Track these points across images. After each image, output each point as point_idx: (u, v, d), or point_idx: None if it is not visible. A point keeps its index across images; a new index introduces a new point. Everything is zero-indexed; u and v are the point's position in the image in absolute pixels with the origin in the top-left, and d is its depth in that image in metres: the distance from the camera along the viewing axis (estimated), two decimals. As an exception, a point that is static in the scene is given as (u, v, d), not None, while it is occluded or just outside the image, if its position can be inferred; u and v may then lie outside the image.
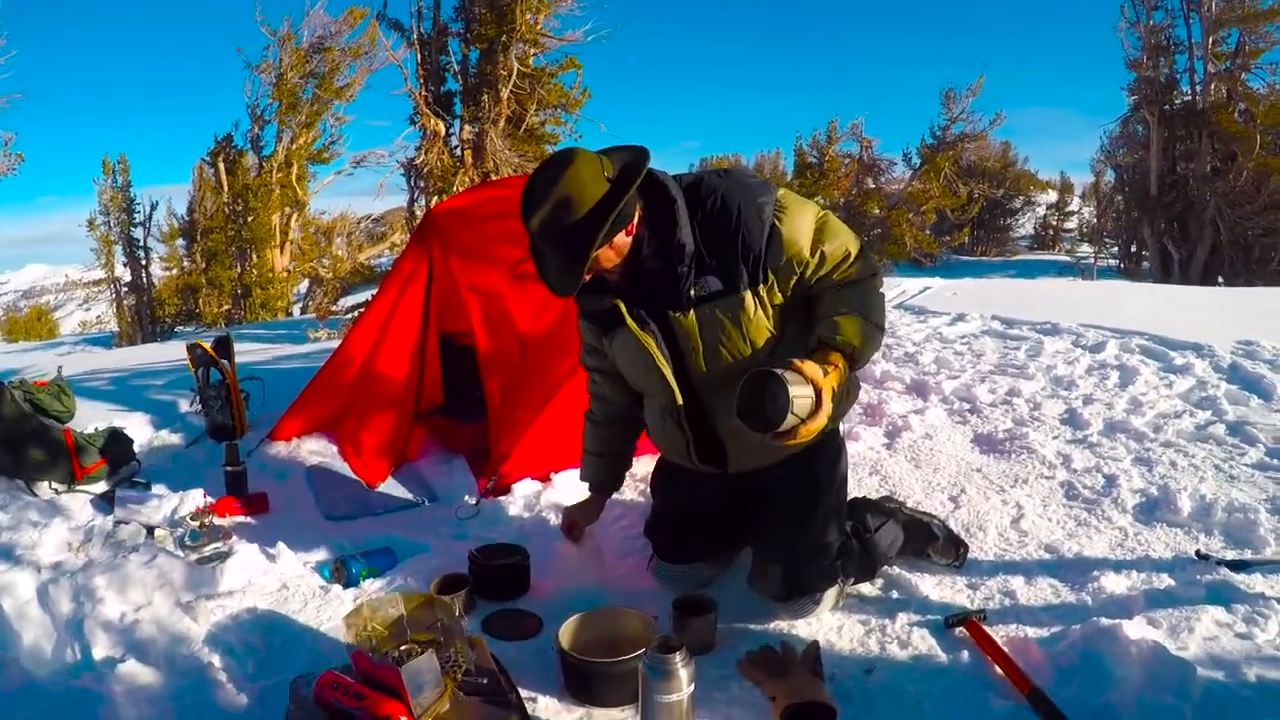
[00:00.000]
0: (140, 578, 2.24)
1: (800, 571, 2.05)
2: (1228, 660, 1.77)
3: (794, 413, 1.70)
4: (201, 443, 3.59)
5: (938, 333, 5.07)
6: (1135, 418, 3.23)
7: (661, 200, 1.90)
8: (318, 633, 2.15)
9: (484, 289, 3.32)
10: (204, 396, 3.57)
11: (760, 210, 1.87)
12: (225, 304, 11.10)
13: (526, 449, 2.98)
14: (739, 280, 1.88)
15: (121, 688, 1.82)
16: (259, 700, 1.86)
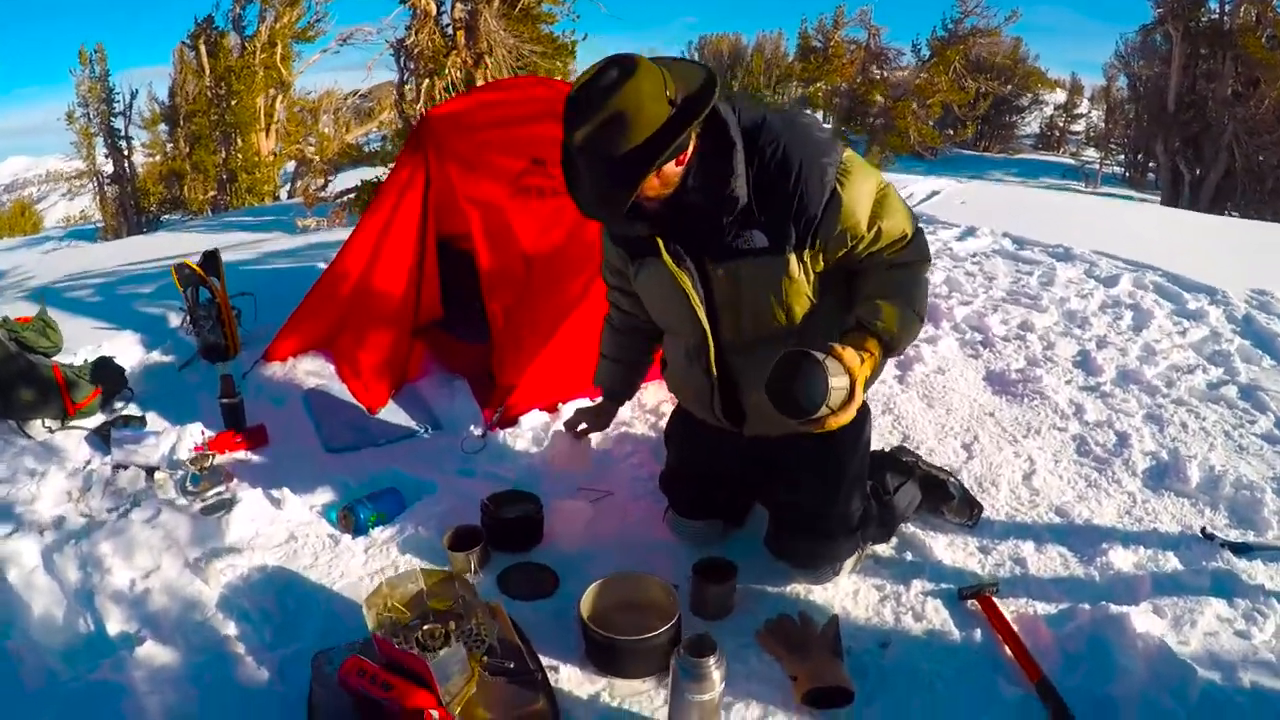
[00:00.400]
0: (146, 540, 2.21)
1: (822, 542, 2.05)
2: (1226, 661, 1.81)
3: (828, 404, 1.60)
4: (195, 365, 3.50)
5: (948, 248, 4.96)
6: (1148, 368, 3.20)
7: (719, 138, 1.70)
8: (331, 592, 2.15)
9: (483, 200, 3.14)
10: (195, 317, 3.45)
11: (823, 171, 1.70)
12: (210, 190, 10.65)
13: (534, 379, 2.91)
14: (786, 241, 1.73)
15: (141, 673, 1.81)
16: (279, 673, 1.86)
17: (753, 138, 1.72)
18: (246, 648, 1.93)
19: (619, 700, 1.81)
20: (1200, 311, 3.68)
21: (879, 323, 1.73)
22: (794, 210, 1.70)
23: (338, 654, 1.81)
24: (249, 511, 2.41)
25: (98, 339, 3.70)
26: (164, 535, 2.27)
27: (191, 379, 3.40)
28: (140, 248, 6.66)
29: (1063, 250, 4.61)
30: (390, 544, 2.32)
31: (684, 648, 1.57)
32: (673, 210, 1.75)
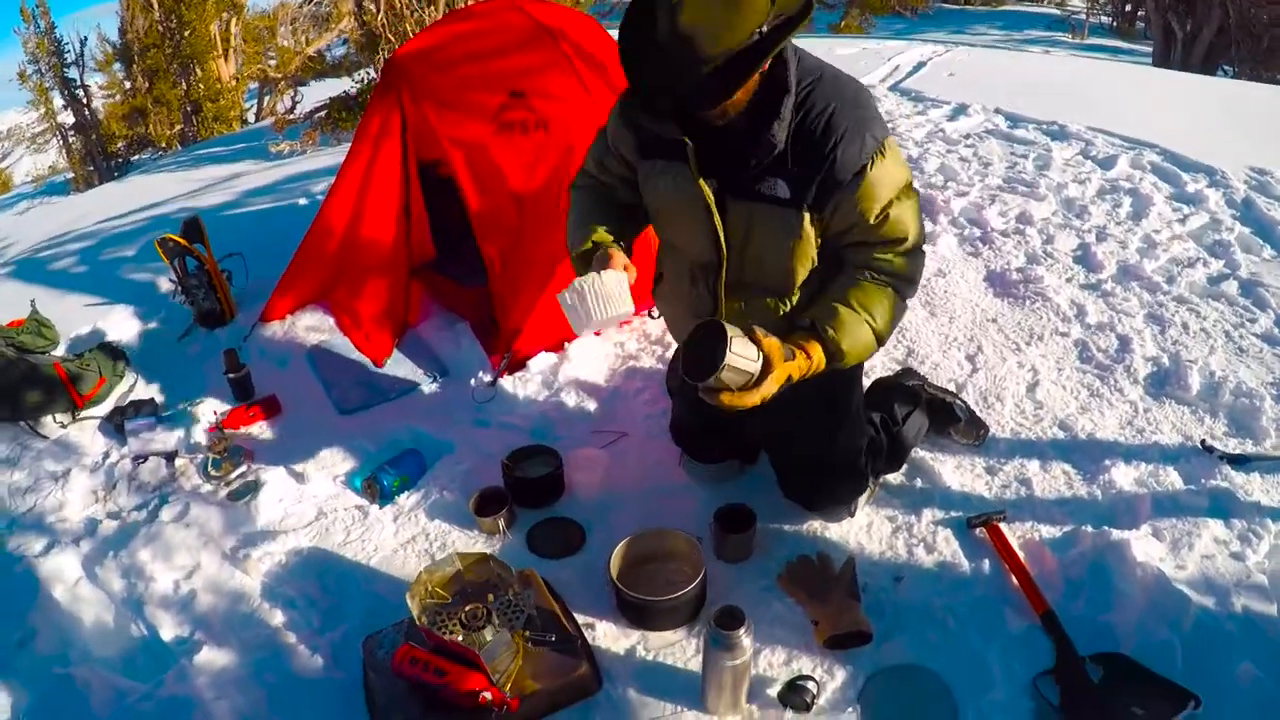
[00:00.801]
0: (181, 540, 2.27)
1: (829, 485, 2.11)
2: (1220, 586, 1.89)
3: (718, 379, 1.52)
4: (194, 333, 3.46)
5: (940, 130, 4.80)
6: (1148, 261, 3.17)
7: (777, 76, 1.61)
8: (368, 568, 2.22)
9: (466, 141, 3.01)
10: (186, 286, 3.38)
11: (863, 144, 1.63)
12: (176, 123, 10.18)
13: (538, 321, 2.90)
14: (806, 197, 1.66)
15: (205, 680, 1.89)
16: (332, 659, 1.95)
17: (806, 89, 1.64)
18: (297, 637, 2.00)
19: (653, 654, 1.92)
20: (1199, 195, 3.61)
21: (829, 330, 1.67)
22: (823, 172, 1.64)
23: (386, 637, 1.91)
24: (275, 492, 2.45)
25: (92, 318, 3.65)
26: (198, 532, 2.33)
27: (192, 349, 3.38)
28: (115, 198, 6.46)
29: (1058, 128, 4.46)
30: (418, 510, 2.39)
31: (714, 620, 1.64)
32: (709, 126, 1.66)
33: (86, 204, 6.68)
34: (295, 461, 2.60)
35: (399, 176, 3.23)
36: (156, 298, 3.78)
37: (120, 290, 3.98)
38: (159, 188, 6.40)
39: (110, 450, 2.80)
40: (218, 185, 5.97)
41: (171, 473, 2.60)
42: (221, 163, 7.02)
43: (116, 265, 4.38)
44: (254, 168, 6.45)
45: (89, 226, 5.50)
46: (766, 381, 1.55)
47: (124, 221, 5.38)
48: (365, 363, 3.13)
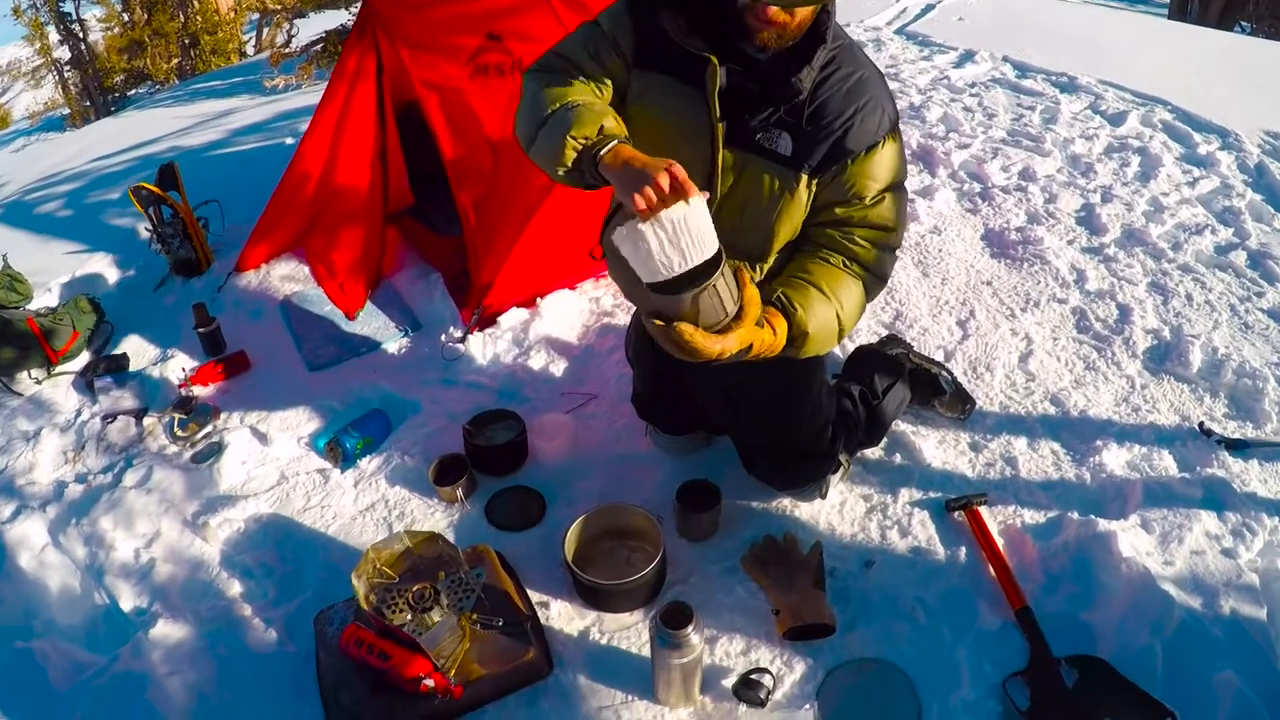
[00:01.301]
0: (143, 506, 2.17)
1: (791, 467, 1.93)
2: (1208, 586, 1.73)
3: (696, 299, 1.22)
4: (170, 283, 3.29)
5: (944, 77, 4.47)
6: (1154, 226, 2.92)
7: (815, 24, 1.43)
8: (327, 537, 2.10)
9: (441, 84, 2.79)
10: (161, 235, 3.19)
11: (881, 121, 1.49)
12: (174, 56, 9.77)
13: (510, 276, 2.72)
14: (808, 159, 1.48)
15: (159, 654, 1.80)
16: (286, 632, 1.86)
17: (834, 49, 1.48)
18: (253, 609, 1.92)
19: (608, 637, 1.79)
20: (1211, 158, 3.30)
21: (799, 310, 1.43)
22: (836, 135, 1.47)
23: (337, 614, 1.82)
24: (238, 454, 2.34)
25: (71, 266, 3.49)
26: (159, 497, 2.23)
27: (168, 300, 3.21)
28: (109, 135, 6.21)
29: (1067, 80, 4.12)
30: (378, 475, 2.26)
31: (661, 617, 1.49)
32: (741, 53, 1.45)
33: (81, 141, 6.44)
34: (261, 421, 2.50)
35: (374, 120, 3.01)
36: (136, 245, 3.60)
37: (102, 236, 3.80)
38: (153, 124, 6.15)
39: (82, 408, 2.70)
40: (209, 122, 5.72)
41: (140, 432, 2.50)
42: (217, 97, 6.75)
43: (101, 209, 4.19)
44: (248, 103, 6.19)
45: (80, 166, 5.30)
46: (731, 335, 1.29)
47: (114, 161, 5.16)
48: (338, 315, 2.96)
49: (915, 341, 2.49)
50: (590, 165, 1.35)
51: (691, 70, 1.45)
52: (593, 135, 1.36)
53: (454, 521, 2.10)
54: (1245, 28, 9.72)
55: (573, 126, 1.37)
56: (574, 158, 1.37)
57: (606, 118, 1.39)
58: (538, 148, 1.47)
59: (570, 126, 1.37)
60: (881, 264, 1.55)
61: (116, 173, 4.86)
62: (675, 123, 1.51)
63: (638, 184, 1.22)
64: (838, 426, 1.91)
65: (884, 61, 4.69)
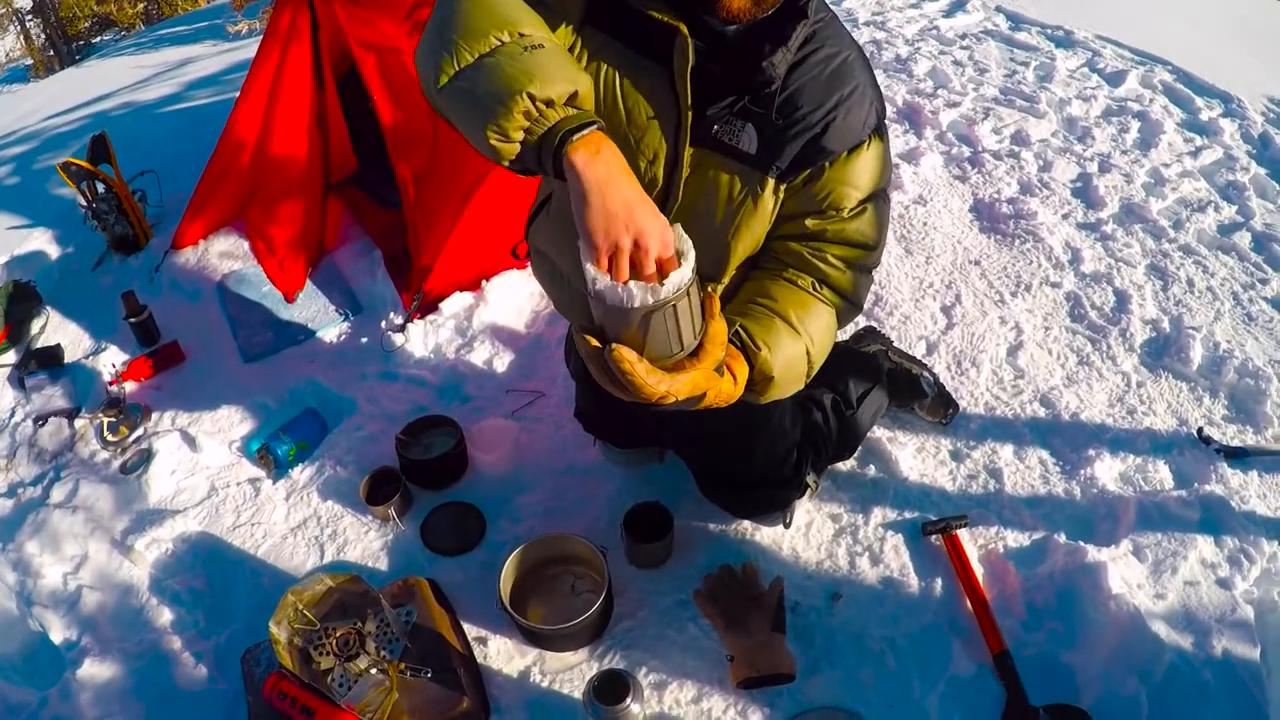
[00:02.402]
0: (69, 528, 2.00)
1: (750, 497, 1.69)
2: (1200, 622, 1.53)
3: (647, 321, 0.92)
4: (107, 262, 2.99)
5: (934, 26, 4.06)
6: (1155, 200, 2.62)
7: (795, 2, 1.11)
8: (256, 560, 1.91)
9: (377, 44, 2.47)
10: (96, 212, 2.87)
11: (867, 115, 1.16)
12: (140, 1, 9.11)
13: (452, 257, 2.43)
14: (777, 159, 1.15)
15: (88, 696, 1.67)
16: (216, 667, 1.71)
17: (816, 24, 1.15)
18: (182, 641, 1.76)
19: (549, 679, 1.61)
20: (1213, 125, 2.96)
21: (762, 352, 1.11)
22: (812, 132, 1.14)
23: (264, 652, 1.66)
24: (168, 464, 2.13)
25: (9, 244, 3.18)
26: (86, 517, 2.03)
27: (105, 280, 2.92)
28: (70, 87, 5.82)
29: (1063, 34, 3.72)
30: (310, 489, 2.04)
31: (595, 692, 1.27)
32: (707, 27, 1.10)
33: (41, 94, 6.04)
34: (192, 422, 2.27)
35: (310, 84, 2.68)
36: (76, 218, 3.25)
37: (43, 210, 3.47)
38: (113, 75, 5.75)
39: (16, 407, 2.48)
40: (167, 73, 5.33)
41: (71, 436, 2.30)
42: (179, 44, 6.33)
43: (45, 177, 3.83)
44: (209, 50, 5.81)
45: (32, 125, 4.92)
46: (681, 377, 0.97)
47: (66, 120, 4.80)
48: (276, 297, 2.68)
49: (895, 331, 2.22)
50: (548, 152, 0.92)
51: (655, 41, 1.11)
52: (558, 99, 0.94)
53: (388, 543, 1.88)
54: None
55: (528, 78, 0.91)
56: (523, 127, 0.92)
57: (581, 79, 0.96)
58: (458, 91, 0.97)
59: (522, 76, 0.92)
60: (857, 288, 1.24)
61: (66, 133, 4.51)
62: (631, 105, 1.15)
63: (617, 234, 0.90)
64: (805, 447, 1.65)
65: (870, 7, 4.27)
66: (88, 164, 2.88)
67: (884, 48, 3.75)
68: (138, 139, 3.76)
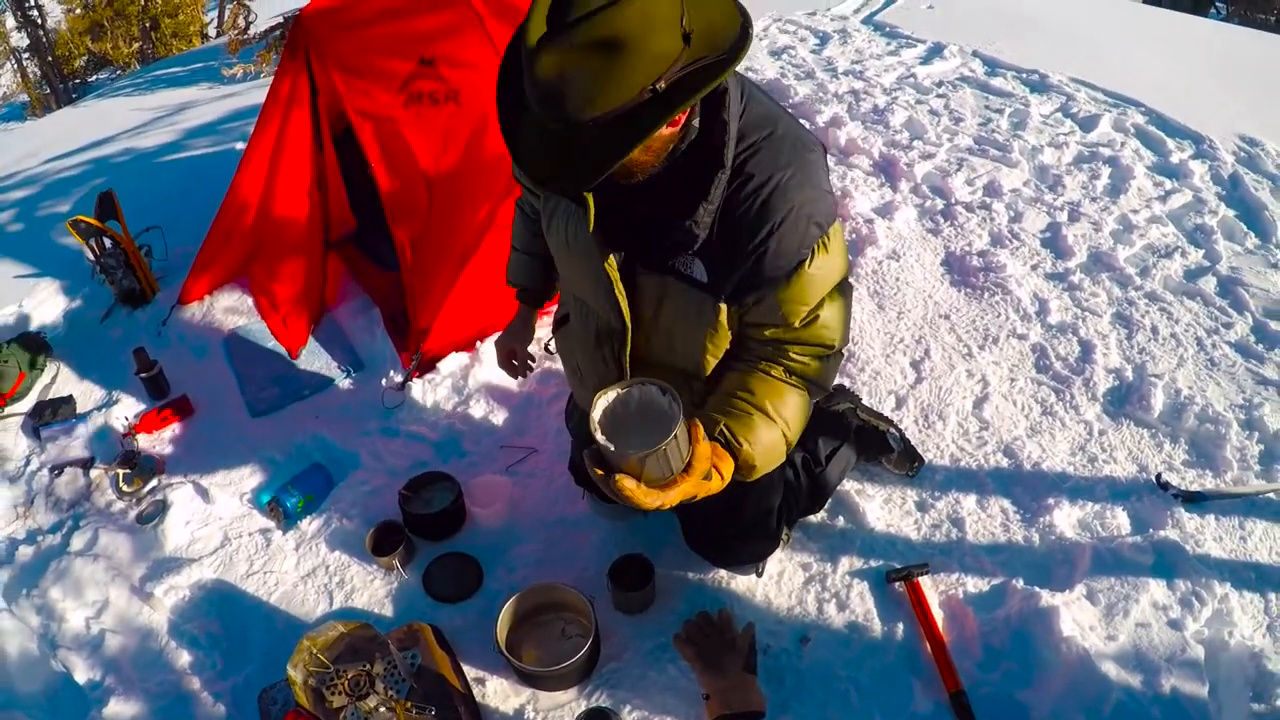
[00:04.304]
0: (90, 575, 2.19)
1: (734, 548, 1.88)
2: (1150, 662, 1.69)
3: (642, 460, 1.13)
4: (115, 315, 3.20)
5: (911, 74, 4.27)
6: (1123, 248, 2.82)
7: (710, 138, 1.24)
8: (270, 606, 2.10)
9: (374, 113, 2.67)
10: (105, 267, 3.09)
11: (803, 237, 1.27)
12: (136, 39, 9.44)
13: (448, 320, 2.64)
14: (723, 288, 1.31)
15: None
16: (234, 706, 1.86)
17: (747, 152, 1.26)
18: (201, 681, 1.92)
19: (542, 716, 1.79)
20: (1184, 168, 3.18)
21: (744, 448, 1.28)
22: (749, 265, 1.28)
23: (280, 693, 1.83)
24: (182, 514, 2.33)
25: (18, 294, 3.40)
26: (106, 564, 2.22)
27: (114, 333, 3.13)
28: (68, 127, 6.08)
29: (1038, 78, 3.96)
30: (318, 539, 2.23)
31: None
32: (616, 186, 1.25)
33: (41, 135, 6.28)
34: (204, 474, 2.46)
35: (310, 148, 2.90)
36: (83, 269, 3.46)
37: (49, 260, 3.68)
38: (111, 117, 6.01)
39: (31, 455, 2.67)
40: (165, 119, 5.57)
41: (87, 485, 2.49)
42: (175, 85, 6.60)
43: (50, 224, 4.06)
44: (205, 94, 6.06)
45: (34, 168, 5.16)
46: (673, 490, 1.18)
47: (67, 165, 5.03)
48: (281, 353, 2.88)
49: (866, 386, 2.42)
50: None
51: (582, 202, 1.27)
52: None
53: (392, 590, 2.06)
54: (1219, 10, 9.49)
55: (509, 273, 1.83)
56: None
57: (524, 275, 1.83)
58: None
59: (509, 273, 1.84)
60: (824, 374, 1.39)
61: (69, 179, 4.73)
62: (576, 251, 1.41)
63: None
64: (781, 503, 1.85)
65: (849, 56, 4.51)
66: (96, 221, 3.09)
67: (862, 98, 3.97)
68: (140, 190, 3.97)
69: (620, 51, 1.00)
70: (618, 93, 1.02)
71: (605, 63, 1.00)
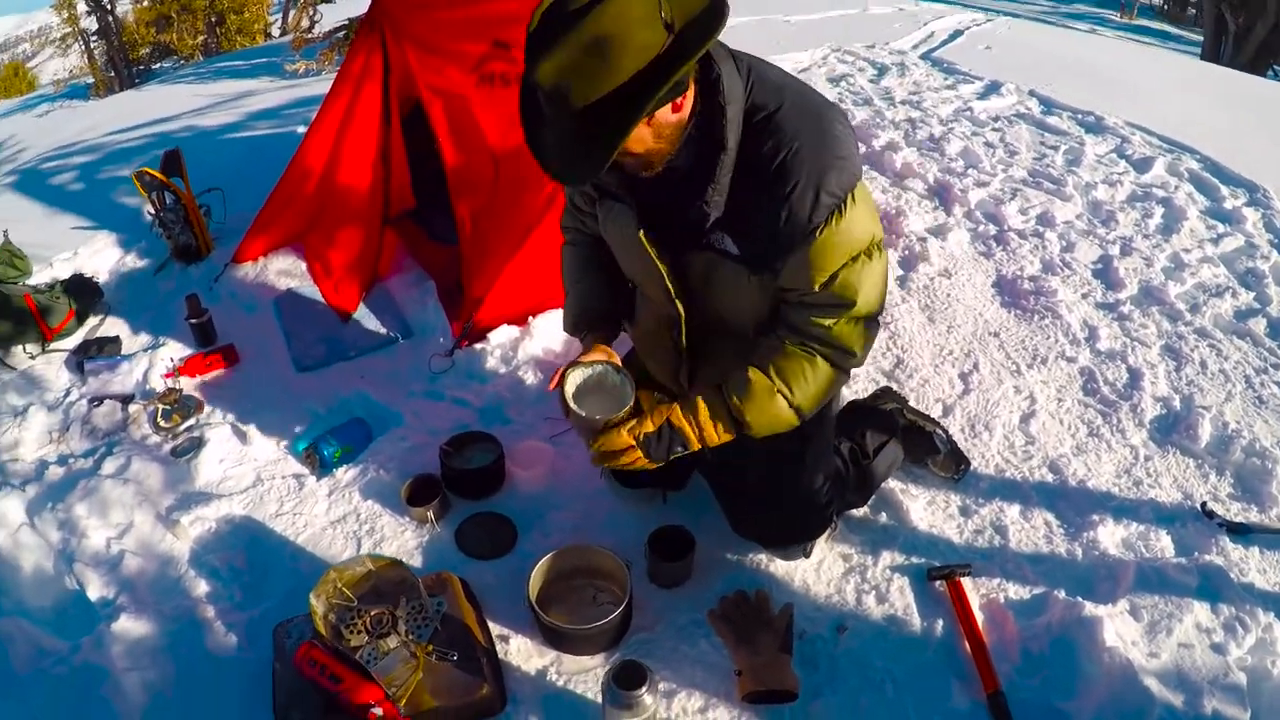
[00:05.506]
0: (118, 497, 2.17)
1: (786, 526, 1.86)
2: (1193, 683, 1.64)
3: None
4: (168, 269, 3.26)
5: (967, 108, 4.35)
6: (1174, 284, 2.81)
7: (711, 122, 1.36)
8: (296, 546, 2.07)
9: (446, 90, 2.74)
10: (163, 220, 3.16)
11: (817, 202, 1.35)
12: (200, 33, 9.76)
13: (502, 291, 2.66)
14: (750, 258, 1.45)
15: (120, 649, 1.79)
16: (246, 639, 1.85)
17: (759, 123, 1.36)
18: (216, 610, 1.90)
19: (565, 679, 1.74)
20: (1237, 214, 3.17)
21: (735, 399, 1.51)
22: (768, 232, 1.39)
23: (296, 627, 1.80)
24: (217, 452, 2.33)
25: (74, 243, 3.48)
26: (135, 489, 2.21)
27: (166, 285, 3.19)
28: (129, 108, 6.23)
29: (1094, 120, 4.00)
30: (353, 487, 2.21)
31: (614, 676, 1.43)
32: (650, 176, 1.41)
33: (101, 113, 6.46)
34: (243, 418, 2.47)
35: (379, 122, 2.97)
36: (140, 226, 3.57)
37: (108, 215, 3.79)
38: (173, 100, 6.15)
39: (71, 388, 2.69)
40: (227, 102, 5.71)
41: (125, 418, 2.49)
42: (237, 77, 6.74)
43: (110, 186, 4.17)
44: (267, 86, 6.18)
45: (96, 138, 5.30)
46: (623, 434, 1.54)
47: (129, 137, 5.16)
48: (330, 316, 2.92)
49: (915, 393, 2.41)
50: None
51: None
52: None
53: (423, 543, 2.05)
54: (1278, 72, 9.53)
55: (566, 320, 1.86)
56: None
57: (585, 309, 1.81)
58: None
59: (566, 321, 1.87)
60: (848, 337, 1.48)
61: (130, 148, 4.86)
62: (628, 244, 1.56)
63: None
64: (831, 485, 1.84)
65: (906, 87, 4.58)
66: (161, 175, 3.18)
67: (918, 126, 4.02)
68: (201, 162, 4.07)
69: (607, 49, 1.15)
70: (612, 81, 1.17)
71: (596, 61, 1.16)
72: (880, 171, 3.67)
